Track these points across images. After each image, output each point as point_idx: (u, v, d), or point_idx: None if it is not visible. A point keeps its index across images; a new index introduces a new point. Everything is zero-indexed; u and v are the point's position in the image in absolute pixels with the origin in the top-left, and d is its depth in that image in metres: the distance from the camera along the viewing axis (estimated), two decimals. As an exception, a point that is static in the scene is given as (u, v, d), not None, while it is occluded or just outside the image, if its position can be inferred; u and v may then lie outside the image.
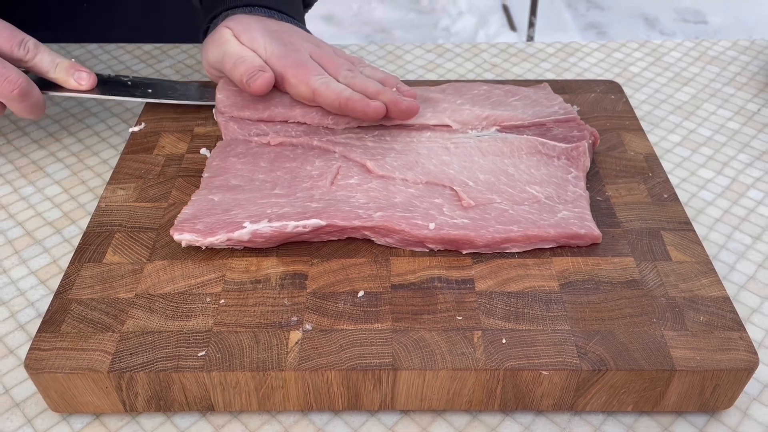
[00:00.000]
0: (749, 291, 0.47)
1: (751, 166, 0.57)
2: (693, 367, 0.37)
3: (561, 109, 0.54)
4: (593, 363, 0.37)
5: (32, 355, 0.38)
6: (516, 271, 0.43)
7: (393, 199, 0.46)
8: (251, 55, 0.52)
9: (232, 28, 0.54)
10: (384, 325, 0.39)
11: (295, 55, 0.52)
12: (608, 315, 0.40)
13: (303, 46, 0.54)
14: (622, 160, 0.52)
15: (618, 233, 0.45)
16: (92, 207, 0.53)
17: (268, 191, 0.47)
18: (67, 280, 0.42)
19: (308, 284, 0.42)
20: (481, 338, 0.38)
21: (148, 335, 0.39)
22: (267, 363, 0.37)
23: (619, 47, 0.73)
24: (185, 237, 0.43)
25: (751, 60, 0.71)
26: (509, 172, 0.49)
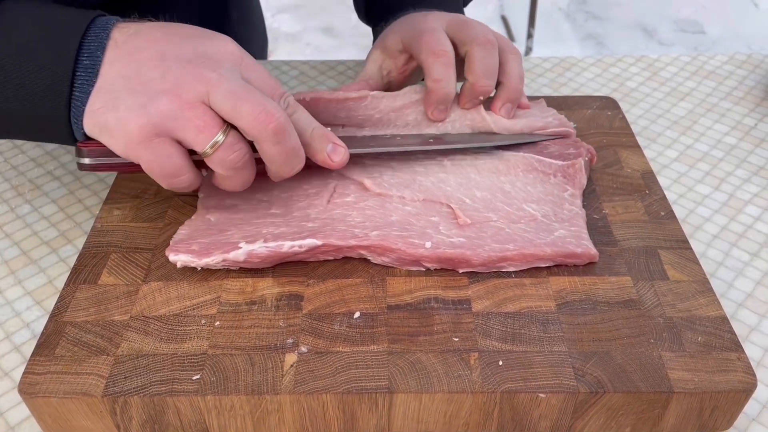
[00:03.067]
0: (747, 309, 0.47)
1: (748, 182, 0.57)
2: (691, 388, 0.37)
3: (555, 119, 0.54)
4: (590, 385, 0.37)
5: (26, 379, 0.37)
6: (513, 291, 0.42)
7: (389, 218, 0.46)
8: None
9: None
10: (380, 346, 0.39)
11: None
12: (605, 336, 0.40)
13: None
14: (619, 177, 0.52)
15: (615, 252, 0.45)
16: (89, 226, 0.53)
17: (264, 210, 0.47)
18: (62, 303, 0.42)
19: (304, 305, 0.41)
20: (477, 360, 0.38)
21: (142, 358, 0.38)
22: (262, 386, 0.37)
23: (616, 62, 0.74)
24: (180, 258, 0.43)
25: (748, 74, 0.71)
26: (506, 189, 0.49)
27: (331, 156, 0.45)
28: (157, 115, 0.39)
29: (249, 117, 0.39)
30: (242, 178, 0.43)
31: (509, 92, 0.52)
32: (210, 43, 0.42)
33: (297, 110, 0.44)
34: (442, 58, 0.50)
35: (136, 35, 0.41)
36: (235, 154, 0.40)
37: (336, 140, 0.45)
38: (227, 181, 0.43)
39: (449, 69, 0.50)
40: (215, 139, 0.39)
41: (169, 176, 0.41)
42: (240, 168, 0.41)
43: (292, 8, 2.69)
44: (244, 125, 0.40)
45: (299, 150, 0.43)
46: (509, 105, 0.52)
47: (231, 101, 0.39)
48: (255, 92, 0.40)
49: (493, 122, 0.52)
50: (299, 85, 0.70)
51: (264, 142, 0.41)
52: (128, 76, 0.40)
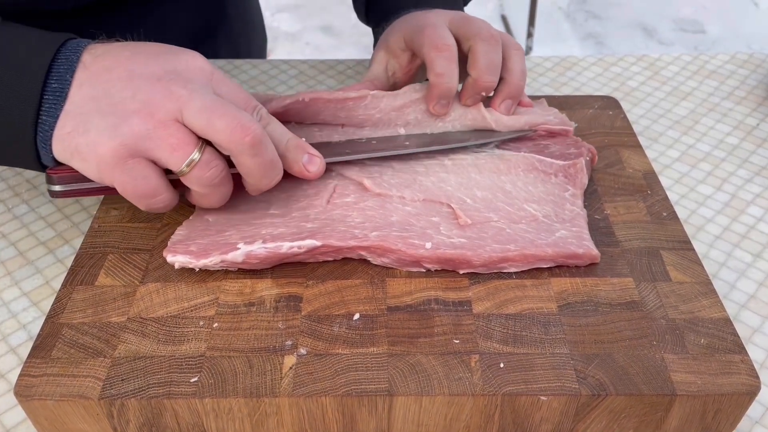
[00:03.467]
0: (750, 310, 0.46)
1: (750, 182, 0.57)
2: (694, 391, 0.36)
3: (556, 117, 0.53)
4: (592, 387, 0.37)
5: (22, 382, 0.37)
6: (514, 292, 0.42)
7: (389, 218, 0.45)
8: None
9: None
10: (380, 349, 0.39)
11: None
12: (607, 338, 0.39)
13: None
14: (621, 177, 0.51)
15: (617, 253, 0.45)
16: (86, 226, 0.52)
17: (263, 211, 0.46)
18: (59, 304, 0.41)
19: (303, 307, 0.41)
20: (478, 362, 0.38)
21: (139, 360, 0.38)
22: (261, 389, 0.36)
23: (617, 61, 0.73)
24: (178, 259, 0.42)
25: (750, 73, 0.71)
26: (507, 189, 0.48)
27: (306, 166, 0.44)
28: (129, 135, 0.38)
29: (224, 131, 0.39)
30: (220, 194, 0.42)
31: (510, 88, 0.52)
32: (179, 60, 0.41)
33: (271, 122, 0.44)
34: (444, 52, 0.49)
35: (104, 56, 0.40)
36: (212, 171, 0.40)
37: (311, 150, 0.45)
38: (205, 198, 0.42)
39: (452, 63, 0.49)
40: (191, 157, 0.39)
41: (145, 197, 0.40)
42: (217, 185, 0.41)
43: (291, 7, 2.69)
44: (220, 140, 0.39)
45: (277, 161, 0.42)
46: (509, 101, 0.52)
47: (205, 117, 0.39)
48: (229, 106, 0.39)
49: (493, 120, 0.52)
50: (299, 84, 0.70)
51: (241, 156, 0.40)
52: (97, 98, 0.39)
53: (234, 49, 0.81)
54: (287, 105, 0.51)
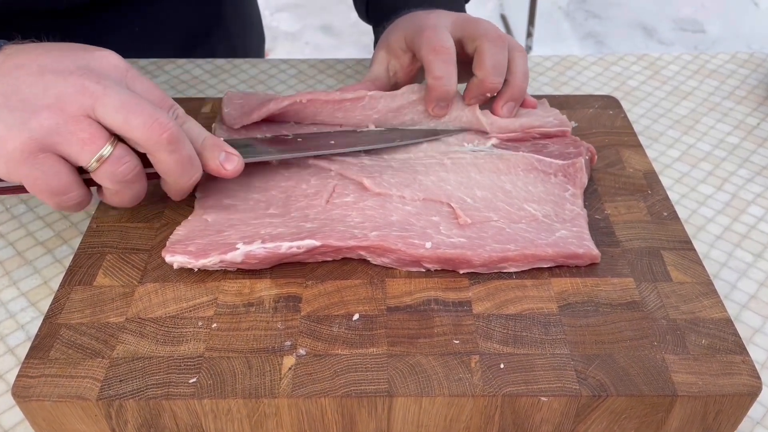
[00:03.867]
0: (751, 310, 0.46)
1: (751, 182, 0.57)
2: (695, 392, 0.36)
3: (555, 119, 0.53)
4: (593, 388, 0.36)
5: (20, 383, 0.37)
6: (514, 292, 0.42)
7: (389, 218, 0.45)
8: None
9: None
10: (379, 349, 0.38)
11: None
12: (608, 338, 0.39)
13: None
14: (621, 177, 0.51)
15: (617, 253, 0.45)
16: (84, 226, 0.52)
17: (262, 211, 0.46)
18: (57, 304, 0.41)
19: (302, 307, 0.41)
20: (478, 363, 0.38)
21: (138, 361, 0.38)
22: (260, 390, 0.36)
23: (618, 60, 0.73)
24: (177, 259, 0.42)
25: (750, 73, 0.70)
26: (506, 188, 0.48)
27: (224, 164, 0.44)
28: (38, 129, 0.37)
29: (141, 128, 0.39)
30: (132, 192, 0.42)
31: (513, 91, 0.51)
32: (92, 56, 0.41)
33: (187, 121, 0.44)
34: (442, 55, 0.49)
35: (16, 54, 0.40)
36: (125, 167, 0.39)
37: (228, 149, 0.44)
38: (116, 196, 0.42)
39: (450, 66, 0.49)
40: (101, 152, 0.38)
41: (56, 194, 0.39)
42: (130, 182, 0.40)
43: (291, 7, 2.69)
44: (136, 137, 0.39)
45: (195, 158, 0.42)
46: (512, 104, 0.52)
47: (122, 114, 0.38)
48: (145, 103, 0.39)
49: (488, 123, 0.52)
50: (298, 83, 0.69)
51: (158, 153, 0.40)
52: (7, 94, 0.38)
53: (231, 49, 0.81)
54: (285, 106, 0.51)
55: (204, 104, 0.59)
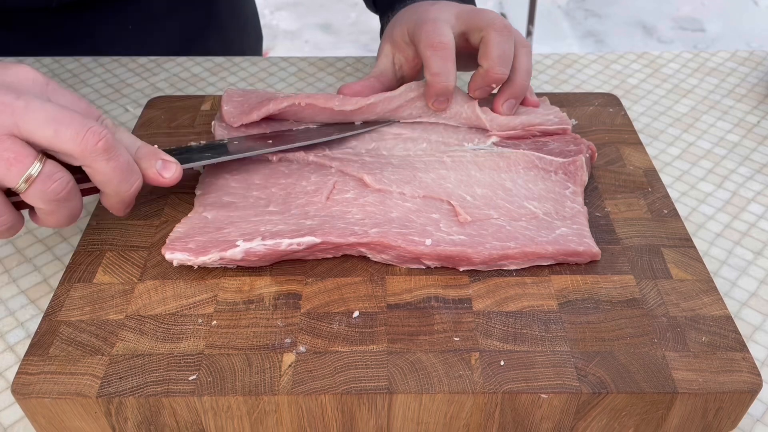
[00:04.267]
0: (751, 308, 0.46)
1: (751, 180, 0.57)
2: (695, 389, 0.36)
3: (555, 117, 0.53)
4: (593, 385, 0.36)
5: (19, 380, 0.37)
6: (514, 289, 0.42)
7: (389, 214, 0.45)
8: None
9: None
10: (379, 346, 0.38)
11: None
12: (608, 335, 0.39)
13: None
14: (621, 174, 0.51)
15: (617, 250, 0.45)
16: (84, 224, 0.52)
17: (261, 208, 0.46)
18: (57, 301, 0.41)
19: (302, 304, 0.41)
20: (478, 360, 0.38)
21: (138, 358, 0.38)
22: (259, 387, 0.36)
23: (617, 58, 0.73)
24: (177, 256, 0.42)
25: (750, 71, 0.70)
26: (507, 186, 0.48)
27: (161, 172, 0.42)
28: None
29: (74, 140, 0.37)
30: (67, 210, 0.40)
31: (514, 88, 0.51)
32: (7, 73, 0.39)
33: (118, 130, 0.42)
34: (440, 50, 0.49)
35: None
36: (56, 184, 0.38)
37: (165, 156, 0.43)
38: (51, 216, 0.39)
39: (447, 62, 0.49)
40: (29, 171, 0.36)
41: None
42: (63, 199, 0.38)
43: (290, 6, 2.68)
44: (69, 149, 0.37)
45: (133, 164, 0.41)
46: (512, 101, 0.52)
47: (51, 127, 0.37)
48: (74, 114, 0.38)
49: (488, 120, 0.52)
50: (297, 81, 0.69)
51: (96, 162, 0.38)
52: None
53: (227, 48, 0.81)
54: (283, 108, 0.51)
55: (203, 102, 0.59)
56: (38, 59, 0.72)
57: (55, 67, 0.71)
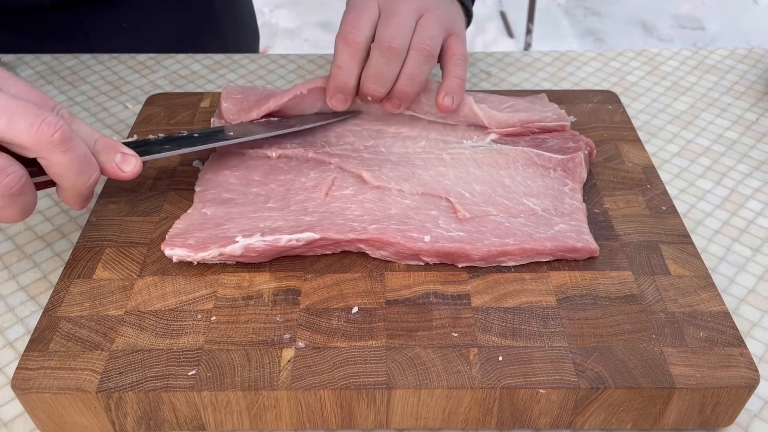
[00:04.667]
0: (749, 304, 0.46)
1: (750, 177, 0.57)
2: (693, 384, 0.36)
3: (554, 114, 0.53)
4: (591, 381, 0.36)
5: (19, 375, 0.37)
6: (512, 285, 0.42)
7: (388, 211, 0.45)
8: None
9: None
10: (378, 342, 0.38)
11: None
12: (606, 331, 0.39)
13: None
14: (620, 171, 0.51)
15: (616, 246, 0.45)
16: (84, 220, 0.52)
17: (261, 204, 0.46)
18: (56, 297, 0.41)
19: (301, 300, 0.41)
20: (477, 355, 0.38)
21: (137, 354, 0.38)
22: (259, 382, 0.36)
23: (617, 56, 0.73)
24: (176, 252, 0.42)
25: (749, 68, 0.70)
26: (505, 183, 0.48)
27: (120, 166, 0.41)
28: None
29: (29, 132, 0.36)
30: (20, 204, 0.38)
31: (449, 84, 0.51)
32: None
33: (74, 121, 0.41)
34: (350, 47, 0.49)
35: None
36: (9, 178, 0.36)
37: (124, 149, 0.42)
38: (4, 211, 0.38)
39: (353, 60, 0.49)
40: None
41: None
42: (17, 194, 0.37)
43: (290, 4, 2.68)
44: (23, 141, 0.36)
45: (90, 156, 0.39)
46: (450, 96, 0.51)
47: (4, 118, 0.36)
48: (28, 105, 0.36)
49: (486, 117, 0.52)
50: (297, 79, 0.69)
51: (51, 155, 0.37)
52: None
53: (222, 47, 0.81)
54: (284, 104, 0.51)
55: (203, 99, 0.59)
56: (37, 56, 0.72)
57: (54, 64, 0.71)
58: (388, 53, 0.48)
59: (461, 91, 0.51)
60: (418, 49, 0.49)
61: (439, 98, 0.51)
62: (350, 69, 0.49)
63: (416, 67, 0.49)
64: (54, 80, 0.68)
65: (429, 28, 0.50)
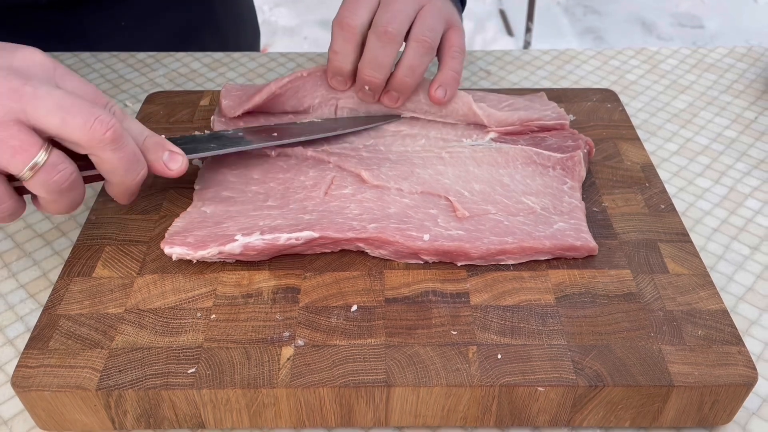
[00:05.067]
0: (748, 303, 0.46)
1: (748, 175, 0.57)
2: (691, 382, 0.36)
3: (553, 112, 0.53)
4: (590, 379, 0.37)
5: (19, 373, 0.37)
6: (511, 284, 0.42)
7: (387, 210, 0.45)
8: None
9: None
10: (377, 340, 0.39)
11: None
12: (605, 329, 0.39)
13: None
14: (619, 170, 0.51)
15: (615, 245, 0.45)
16: (83, 218, 0.52)
17: (260, 203, 0.46)
18: (56, 295, 0.41)
19: (301, 298, 0.41)
20: (476, 353, 0.38)
21: (137, 351, 0.38)
22: (258, 380, 0.36)
23: (616, 54, 0.73)
24: (176, 250, 0.42)
25: (749, 67, 0.71)
26: (504, 182, 0.48)
27: (167, 164, 0.42)
28: None
29: (82, 129, 0.36)
30: (69, 200, 0.39)
31: (443, 75, 0.51)
32: (14, 55, 0.38)
33: (126, 119, 0.41)
34: (345, 32, 0.49)
35: None
36: (60, 174, 0.37)
37: (172, 147, 0.43)
38: (53, 205, 0.39)
39: (348, 44, 0.49)
40: (35, 160, 0.36)
41: None
42: (66, 189, 0.38)
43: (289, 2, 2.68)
44: (77, 138, 0.37)
45: (139, 154, 0.40)
46: (442, 89, 0.51)
47: (59, 116, 0.36)
48: (83, 102, 0.37)
49: (485, 116, 0.52)
50: (296, 77, 0.69)
51: (103, 152, 0.38)
52: None
53: (222, 45, 0.81)
54: (286, 84, 0.51)
55: (202, 97, 0.59)
56: (37, 55, 0.71)
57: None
58: (384, 37, 0.48)
59: (455, 84, 0.51)
60: (418, 40, 0.49)
61: (432, 89, 0.51)
62: (346, 53, 0.49)
63: (416, 59, 0.49)
64: (53, 78, 0.68)
65: (430, 19, 0.50)
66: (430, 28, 0.50)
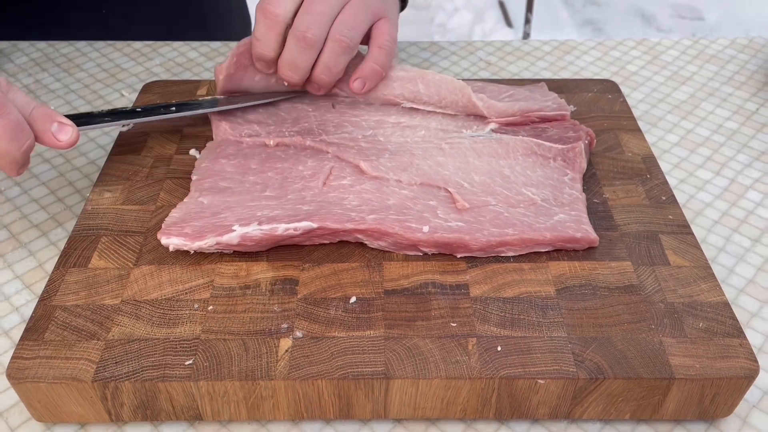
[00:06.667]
0: (749, 295, 0.46)
1: (749, 167, 0.57)
2: (692, 375, 0.36)
3: (554, 103, 0.53)
4: (590, 371, 0.36)
5: (14, 364, 0.36)
6: (511, 275, 0.42)
7: (386, 201, 0.45)
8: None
9: None
10: (376, 332, 0.38)
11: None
12: (605, 321, 0.39)
13: None
14: (620, 161, 0.51)
15: (615, 237, 0.44)
16: (79, 209, 0.51)
17: (258, 193, 0.46)
18: (52, 286, 0.41)
19: (299, 290, 0.41)
20: (475, 346, 0.37)
21: (133, 343, 0.38)
22: (256, 372, 0.36)
23: (616, 45, 0.72)
24: (173, 241, 0.42)
25: (750, 58, 0.70)
26: (505, 173, 0.48)
27: (56, 135, 0.42)
28: None
29: None
30: None
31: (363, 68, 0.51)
32: None
33: (10, 90, 0.41)
34: (268, 19, 0.48)
35: None
36: None
37: (61, 119, 0.42)
38: None
39: (270, 32, 0.48)
40: None
41: None
42: None
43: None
44: None
45: (24, 123, 0.40)
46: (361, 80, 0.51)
47: None
48: None
49: (485, 107, 0.51)
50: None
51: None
52: None
53: (207, 34, 0.79)
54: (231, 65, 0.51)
55: (199, 86, 0.58)
56: (32, 43, 0.71)
57: (49, 51, 0.70)
58: (302, 43, 0.48)
59: (374, 77, 0.51)
60: (335, 40, 0.49)
61: (351, 80, 0.51)
62: (267, 41, 0.49)
63: (332, 59, 0.49)
64: (49, 67, 0.67)
65: (351, 17, 0.49)
66: (350, 26, 0.49)
